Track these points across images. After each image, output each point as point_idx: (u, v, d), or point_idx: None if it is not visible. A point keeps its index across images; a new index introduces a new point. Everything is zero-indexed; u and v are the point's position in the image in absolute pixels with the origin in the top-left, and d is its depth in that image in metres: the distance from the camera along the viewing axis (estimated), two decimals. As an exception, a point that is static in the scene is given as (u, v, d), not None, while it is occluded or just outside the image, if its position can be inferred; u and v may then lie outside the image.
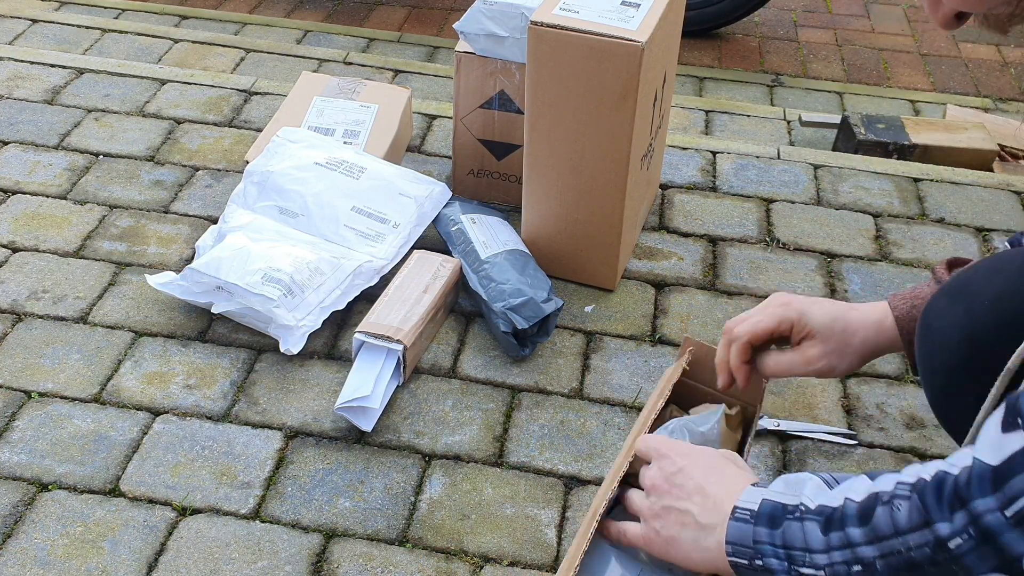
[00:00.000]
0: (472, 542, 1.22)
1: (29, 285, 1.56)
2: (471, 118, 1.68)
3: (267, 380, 1.42)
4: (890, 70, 2.84)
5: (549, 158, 1.48)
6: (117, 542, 1.20)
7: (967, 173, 1.94)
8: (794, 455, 1.35)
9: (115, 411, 1.36)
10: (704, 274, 1.65)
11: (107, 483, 1.27)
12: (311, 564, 1.18)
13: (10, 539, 1.19)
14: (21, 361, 1.43)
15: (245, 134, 1.93)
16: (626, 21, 1.37)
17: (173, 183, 1.79)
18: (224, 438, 1.33)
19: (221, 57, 2.39)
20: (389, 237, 1.57)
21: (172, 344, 1.47)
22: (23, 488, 1.26)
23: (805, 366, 1.08)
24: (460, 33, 1.61)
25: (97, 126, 1.93)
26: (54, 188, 1.76)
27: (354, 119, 1.77)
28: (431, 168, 1.85)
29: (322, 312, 1.45)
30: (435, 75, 2.36)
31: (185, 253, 1.63)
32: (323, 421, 1.36)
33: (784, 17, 3.13)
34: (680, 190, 1.84)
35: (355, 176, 1.60)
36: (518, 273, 1.48)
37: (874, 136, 2.12)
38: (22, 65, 2.11)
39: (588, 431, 1.37)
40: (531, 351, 1.47)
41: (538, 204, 1.54)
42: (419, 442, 1.34)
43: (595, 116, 1.41)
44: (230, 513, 1.24)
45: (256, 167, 1.62)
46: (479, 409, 1.39)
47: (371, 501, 1.26)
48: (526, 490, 1.28)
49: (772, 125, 2.30)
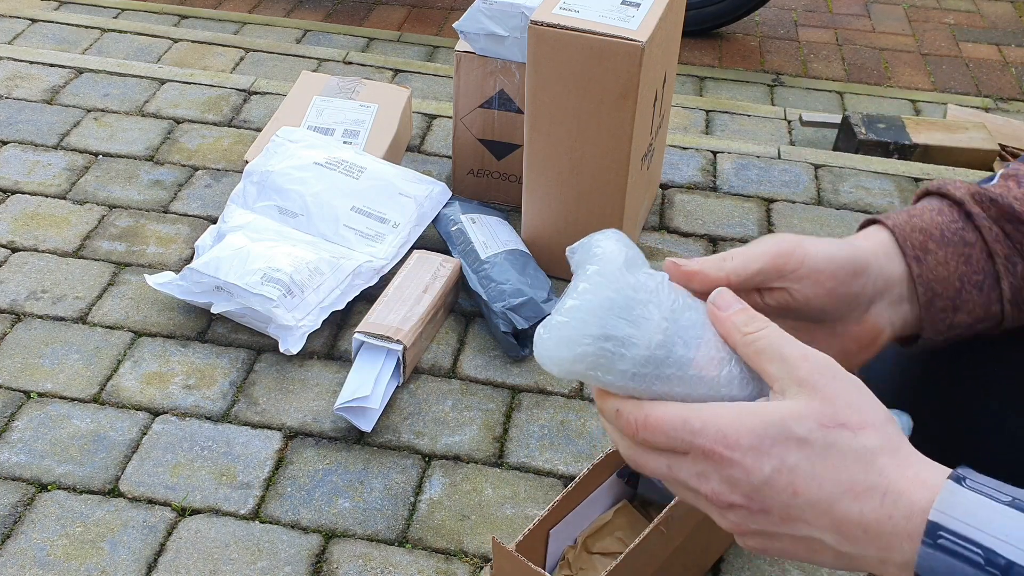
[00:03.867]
0: (472, 542, 1.21)
1: (28, 285, 1.55)
2: (471, 118, 1.68)
3: (267, 380, 1.42)
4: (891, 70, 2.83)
5: (549, 158, 1.48)
6: (116, 542, 1.19)
7: (968, 173, 1.94)
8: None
9: (114, 411, 1.36)
10: (704, 274, 1.65)
11: (106, 483, 1.26)
12: (311, 564, 1.18)
13: (9, 539, 1.19)
14: (20, 361, 1.43)
15: (244, 134, 1.93)
16: (626, 21, 1.36)
17: (172, 183, 1.79)
18: (223, 438, 1.33)
19: (220, 57, 2.38)
20: (389, 237, 1.56)
21: (171, 344, 1.47)
22: (22, 488, 1.25)
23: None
24: (460, 32, 1.61)
25: (96, 126, 1.93)
26: (53, 188, 1.76)
27: (354, 119, 1.77)
28: (431, 168, 1.85)
29: (321, 312, 1.45)
30: (435, 75, 2.36)
31: (184, 253, 1.63)
32: (323, 421, 1.36)
33: (784, 17, 3.12)
34: (680, 190, 1.84)
35: (355, 176, 1.60)
36: (518, 273, 1.48)
37: (875, 136, 2.12)
38: (21, 65, 2.11)
39: (588, 431, 1.36)
40: (531, 351, 1.46)
41: (538, 204, 1.54)
42: (419, 442, 1.34)
43: (595, 116, 1.40)
44: (229, 513, 1.24)
45: (256, 167, 1.62)
46: (479, 409, 1.39)
47: (371, 501, 1.26)
48: (526, 490, 1.28)
49: (772, 125, 2.29)
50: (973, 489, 0.53)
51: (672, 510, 0.99)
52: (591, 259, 0.60)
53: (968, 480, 0.54)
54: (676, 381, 0.58)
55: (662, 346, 0.58)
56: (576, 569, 1.10)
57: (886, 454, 0.55)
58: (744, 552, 1.22)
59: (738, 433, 0.56)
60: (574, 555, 1.10)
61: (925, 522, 0.52)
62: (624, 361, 0.57)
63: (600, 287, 0.59)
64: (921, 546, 0.52)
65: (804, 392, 0.56)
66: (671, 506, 0.99)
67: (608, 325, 0.58)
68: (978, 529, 0.52)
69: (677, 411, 0.58)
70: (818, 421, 0.55)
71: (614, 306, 0.58)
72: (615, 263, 0.59)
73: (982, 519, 0.52)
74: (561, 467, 1.31)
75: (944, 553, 0.52)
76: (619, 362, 0.57)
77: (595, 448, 1.33)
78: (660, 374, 0.58)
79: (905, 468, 0.55)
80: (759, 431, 0.55)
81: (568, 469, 1.31)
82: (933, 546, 0.52)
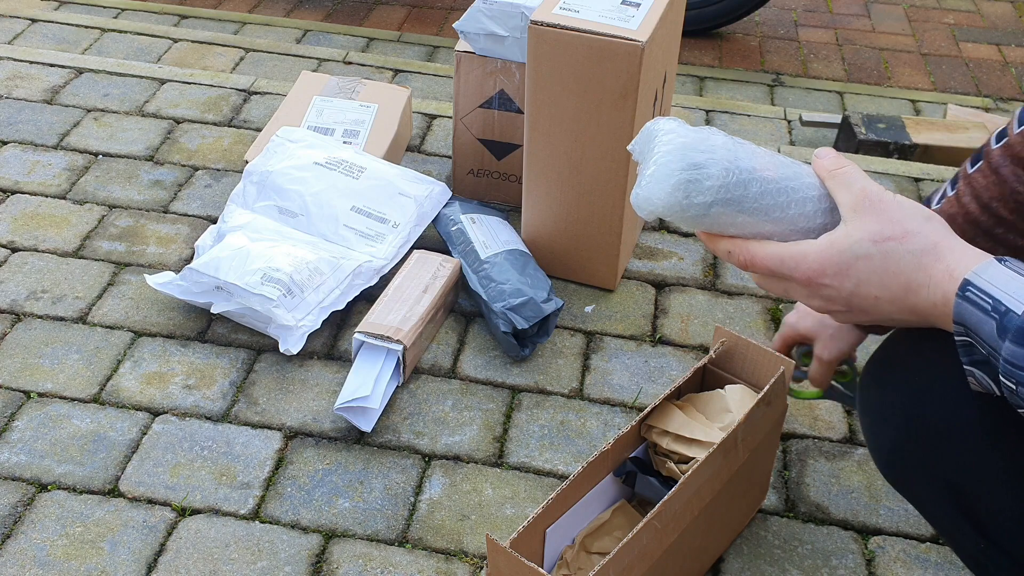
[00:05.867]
0: (472, 542, 1.21)
1: (28, 285, 1.55)
2: (471, 118, 1.68)
3: (266, 380, 1.42)
4: (891, 70, 2.83)
5: (549, 158, 1.48)
6: (116, 542, 1.19)
7: (968, 173, 1.94)
8: (795, 455, 1.35)
9: (114, 411, 1.36)
10: (704, 274, 1.65)
11: (106, 483, 1.26)
12: (310, 565, 1.18)
13: (9, 539, 1.19)
14: (20, 361, 1.43)
15: (244, 134, 1.93)
16: (626, 20, 1.36)
17: (172, 183, 1.79)
18: (223, 438, 1.33)
19: (220, 57, 2.38)
20: (389, 237, 1.56)
21: (171, 344, 1.47)
22: (22, 488, 1.25)
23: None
24: (460, 32, 1.61)
25: (96, 126, 1.93)
26: (53, 188, 1.76)
27: (354, 119, 1.77)
28: (431, 168, 1.85)
29: (321, 312, 1.45)
30: (435, 75, 2.36)
31: (184, 253, 1.63)
32: (323, 421, 1.36)
33: (784, 17, 3.12)
34: (680, 190, 1.84)
35: (355, 176, 1.60)
36: (518, 273, 1.48)
37: (875, 136, 2.12)
38: (21, 65, 2.11)
39: (588, 431, 1.36)
40: (531, 351, 1.46)
41: (538, 204, 1.54)
42: (419, 442, 1.34)
43: (595, 116, 1.41)
44: (229, 514, 1.24)
45: (255, 167, 1.62)
46: (479, 409, 1.39)
47: (371, 501, 1.26)
48: (526, 490, 1.28)
49: (772, 125, 2.29)
50: (1008, 266, 0.71)
51: (665, 505, 0.99)
52: (655, 134, 0.79)
53: (1007, 261, 0.72)
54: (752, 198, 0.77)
55: (731, 161, 0.77)
56: (575, 569, 1.10)
57: (928, 254, 0.73)
58: (744, 552, 1.22)
59: (822, 264, 0.76)
60: (572, 555, 1.10)
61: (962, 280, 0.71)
62: (709, 179, 0.76)
63: (674, 139, 0.77)
64: (955, 297, 0.71)
65: (858, 216, 0.75)
66: (664, 500, 0.98)
67: (688, 157, 0.77)
68: (996, 287, 0.70)
69: (775, 251, 0.78)
70: (871, 239, 0.74)
71: (688, 145, 0.77)
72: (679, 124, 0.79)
73: (1004, 282, 0.70)
74: (561, 467, 1.31)
75: (967, 303, 0.70)
76: (705, 181, 0.76)
77: (595, 448, 1.33)
78: (738, 192, 0.77)
79: (937, 262, 0.73)
80: (835, 259, 0.75)
81: (568, 469, 1.31)
82: (962, 297, 0.71)
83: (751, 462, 1.14)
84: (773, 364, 1.14)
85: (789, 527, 1.26)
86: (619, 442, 1.09)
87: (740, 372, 1.18)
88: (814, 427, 1.39)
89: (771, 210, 0.78)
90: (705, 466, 1.03)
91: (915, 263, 0.73)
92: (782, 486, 1.31)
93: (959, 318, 0.71)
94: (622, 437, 1.09)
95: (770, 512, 1.27)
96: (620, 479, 1.12)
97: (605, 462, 1.09)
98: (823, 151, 0.81)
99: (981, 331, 0.70)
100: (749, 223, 0.79)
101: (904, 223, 0.74)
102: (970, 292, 0.70)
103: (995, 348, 0.69)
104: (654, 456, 1.14)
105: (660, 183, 0.77)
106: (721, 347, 1.17)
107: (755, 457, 1.14)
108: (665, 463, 1.12)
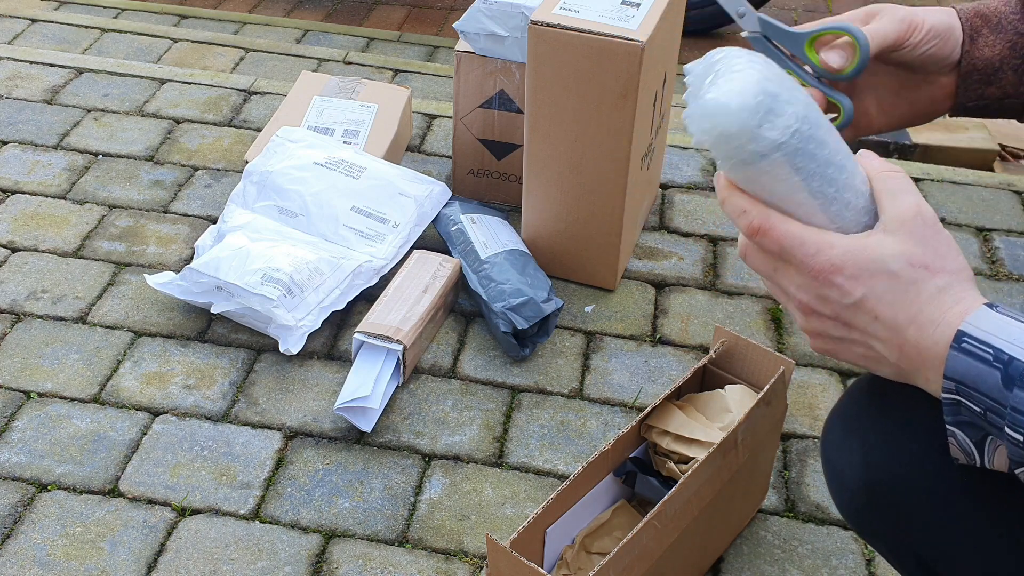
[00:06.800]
0: (472, 542, 1.21)
1: (28, 285, 1.55)
2: (471, 118, 1.68)
3: (266, 380, 1.42)
4: (890, 70, 2.83)
5: (549, 158, 1.48)
6: (116, 542, 1.19)
7: (968, 173, 1.94)
8: (795, 455, 1.35)
9: (114, 411, 1.36)
10: (705, 274, 1.65)
11: (106, 483, 1.26)
12: (310, 565, 1.18)
13: (9, 539, 1.19)
14: (20, 361, 1.43)
15: (244, 134, 1.93)
16: (626, 20, 1.36)
17: (172, 183, 1.79)
18: (223, 438, 1.33)
19: (220, 57, 2.38)
20: (389, 237, 1.56)
21: (171, 344, 1.47)
22: (22, 488, 1.25)
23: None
24: (460, 32, 1.61)
25: (96, 126, 1.93)
26: (53, 188, 1.76)
27: (354, 119, 1.77)
28: (431, 168, 1.85)
29: (321, 312, 1.45)
30: (435, 75, 2.36)
31: (184, 253, 1.63)
32: (323, 421, 1.36)
33: (784, 17, 3.12)
34: (680, 190, 1.84)
35: (355, 176, 1.60)
36: (518, 273, 1.48)
37: (874, 136, 2.12)
38: (21, 65, 2.11)
39: (588, 431, 1.36)
40: (531, 351, 1.46)
41: (538, 204, 1.54)
42: (419, 442, 1.34)
43: (595, 116, 1.41)
44: (229, 513, 1.24)
45: (255, 167, 1.62)
46: (479, 409, 1.39)
47: (371, 501, 1.26)
48: (526, 490, 1.28)
49: (772, 125, 2.29)
50: (1001, 312, 0.65)
51: (665, 505, 0.99)
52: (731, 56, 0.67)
53: (999, 307, 0.65)
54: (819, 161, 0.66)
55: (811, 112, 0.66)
56: (575, 569, 1.10)
57: (950, 294, 0.66)
58: (744, 552, 1.22)
59: (844, 261, 0.67)
60: (572, 555, 1.10)
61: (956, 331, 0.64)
62: (786, 117, 0.64)
63: (758, 62, 0.66)
64: (950, 350, 0.64)
65: (904, 232, 0.67)
66: (664, 500, 0.98)
67: (772, 83, 0.65)
68: (994, 335, 0.63)
69: (798, 230, 0.68)
70: (909, 260, 0.66)
71: (771, 77, 0.65)
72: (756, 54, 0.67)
73: (999, 329, 0.63)
74: (561, 467, 1.31)
75: (964, 355, 0.63)
76: (781, 118, 0.64)
77: (595, 448, 1.33)
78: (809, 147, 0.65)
79: (956, 304, 0.65)
80: (862, 263, 0.67)
81: (568, 469, 1.31)
82: (958, 349, 0.64)
83: (751, 462, 1.14)
84: (773, 364, 1.14)
85: (789, 527, 1.26)
86: (619, 442, 1.09)
87: (740, 372, 1.18)
88: (814, 427, 1.39)
89: (829, 183, 0.67)
90: (705, 466, 1.03)
91: (935, 298, 0.66)
92: (782, 486, 1.31)
93: (952, 373, 0.64)
94: (622, 437, 1.10)
95: (770, 512, 1.27)
96: (620, 479, 1.12)
97: (605, 462, 1.09)
98: (866, 152, 0.72)
99: (981, 385, 0.63)
100: (793, 190, 0.67)
101: (947, 261, 0.67)
102: (966, 343, 0.64)
103: (999, 400, 0.63)
104: (654, 456, 1.14)
105: (740, 94, 0.63)
106: (721, 347, 1.17)
107: (755, 457, 1.14)
108: (665, 463, 1.12)
